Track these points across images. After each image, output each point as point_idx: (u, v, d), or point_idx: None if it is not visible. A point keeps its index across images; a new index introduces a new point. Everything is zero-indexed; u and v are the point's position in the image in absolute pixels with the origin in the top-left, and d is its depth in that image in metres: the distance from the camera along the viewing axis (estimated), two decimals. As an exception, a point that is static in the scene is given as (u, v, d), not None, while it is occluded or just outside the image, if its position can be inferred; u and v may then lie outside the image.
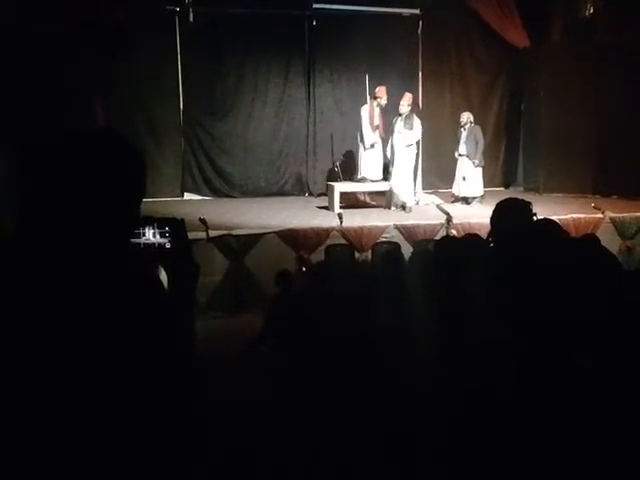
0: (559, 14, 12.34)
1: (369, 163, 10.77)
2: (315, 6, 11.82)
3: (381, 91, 10.77)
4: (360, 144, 10.85)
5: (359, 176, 10.90)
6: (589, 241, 3.60)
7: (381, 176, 10.81)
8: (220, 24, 11.90)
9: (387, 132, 10.71)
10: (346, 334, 3.58)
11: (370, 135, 10.69)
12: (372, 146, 10.70)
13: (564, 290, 2.41)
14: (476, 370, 2.54)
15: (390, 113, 10.84)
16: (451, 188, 11.55)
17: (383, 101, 10.73)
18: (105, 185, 1.47)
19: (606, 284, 2.41)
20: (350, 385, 3.25)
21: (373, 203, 11.00)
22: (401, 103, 10.51)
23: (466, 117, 11.14)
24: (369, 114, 10.71)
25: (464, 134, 11.06)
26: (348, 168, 11.36)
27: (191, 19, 11.21)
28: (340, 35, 12.28)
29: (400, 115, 10.48)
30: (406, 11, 12.57)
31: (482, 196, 10.96)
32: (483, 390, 2.47)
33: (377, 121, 10.70)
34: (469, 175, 10.96)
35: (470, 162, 10.92)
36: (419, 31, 12.89)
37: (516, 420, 2.32)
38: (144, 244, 1.74)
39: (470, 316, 2.73)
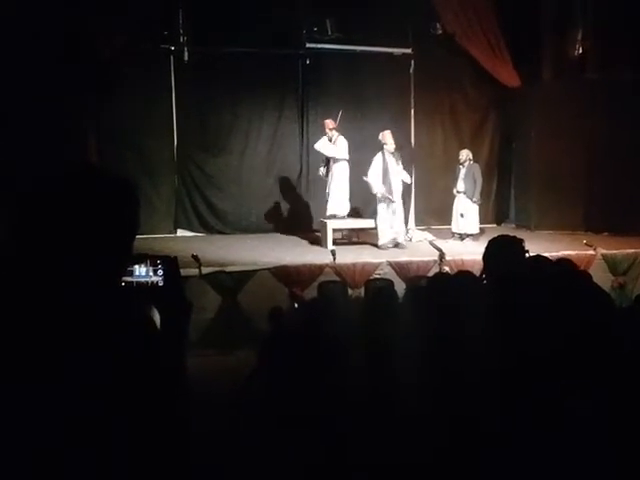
0: (549, 54, 12.54)
1: (330, 198, 10.73)
2: (308, 45, 11.97)
3: (325, 123, 10.83)
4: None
5: (328, 213, 10.79)
6: (581, 277, 3.61)
7: (346, 211, 10.71)
8: (215, 63, 12.02)
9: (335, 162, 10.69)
10: (339, 371, 3.56)
11: (321, 169, 10.81)
12: (321, 176, 10.79)
13: (556, 327, 2.41)
14: (467, 403, 2.53)
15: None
16: (443, 224, 11.58)
17: (328, 134, 10.70)
18: (98, 221, 1.47)
19: (598, 321, 2.42)
20: (342, 420, 3.23)
21: (354, 240, 11.00)
22: (388, 142, 10.45)
23: (465, 155, 11.20)
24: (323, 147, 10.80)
25: (462, 171, 11.10)
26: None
27: (186, 58, 11.33)
28: (333, 74, 12.44)
29: (391, 154, 10.47)
30: (398, 51, 12.75)
31: (478, 234, 11.01)
32: (472, 423, 2.45)
33: (331, 153, 10.70)
34: (467, 212, 11.00)
35: (467, 199, 10.97)
36: (411, 70, 13.06)
37: (502, 456, 2.30)
38: (137, 282, 1.74)
39: (463, 352, 2.72)
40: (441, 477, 2.61)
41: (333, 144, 10.65)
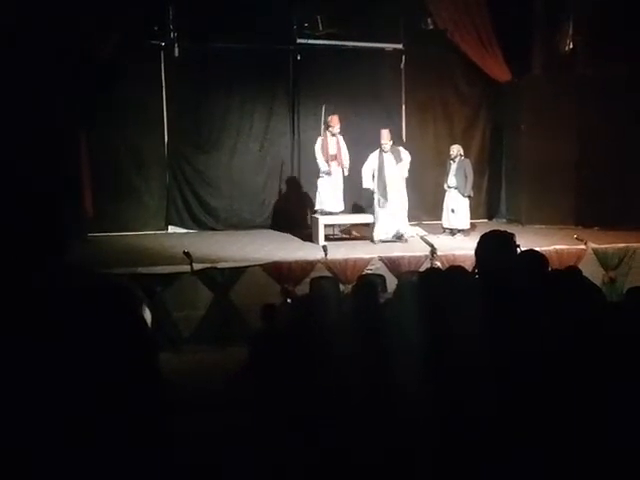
0: (539, 49, 12.56)
1: (326, 194, 10.78)
2: (299, 41, 11.94)
3: (333, 120, 10.83)
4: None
5: (316, 208, 10.90)
6: (572, 272, 3.62)
7: (342, 207, 10.81)
8: (205, 58, 12.00)
9: (343, 161, 10.74)
10: (331, 368, 3.56)
11: (323, 165, 10.76)
12: (328, 174, 10.74)
13: (549, 322, 2.41)
14: (459, 400, 2.53)
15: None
16: (435, 220, 11.60)
17: (335, 129, 10.76)
18: None
19: (589, 315, 2.42)
20: (334, 418, 3.22)
21: (355, 235, 11.05)
22: (382, 142, 10.49)
23: (456, 150, 11.20)
24: (322, 144, 10.79)
25: (453, 167, 11.10)
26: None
27: (176, 54, 11.28)
28: (324, 69, 12.41)
29: (385, 152, 10.50)
30: (389, 46, 12.73)
31: (469, 229, 11.03)
32: (465, 420, 2.45)
33: (333, 150, 10.73)
34: (458, 207, 11.02)
35: (459, 195, 11.00)
36: (402, 65, 13.04)
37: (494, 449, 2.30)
38: None
39: (454, 347, 2.72)
40: (436, 476, 2.61)
41: (336, 141, 10.77)
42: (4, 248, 1.47)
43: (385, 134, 10.57)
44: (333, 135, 10.79)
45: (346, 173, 10.83)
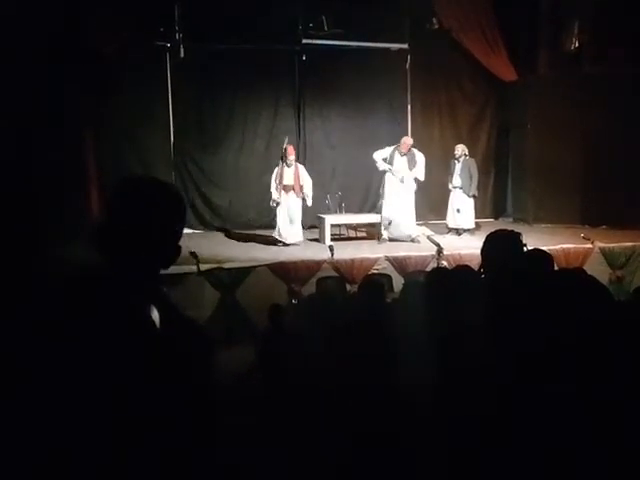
0: (545, 48, 12.54)
1: (282, 223, 10.48)
2: (304, 41, 11.95)
3: (288, 150, 10.48)
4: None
5: (274, 235, 10.57)
6: (578, 272, 3.61)
7: (300, 238, 10.48)
8: (211, 59, 12.01)
9: (303, 190, 10.39)
10: (335, 367, 3.56)
11: (274, 194, 10.43)
12: (278, 204, 10.43)
13: (554, 321, 2.41)
14: (464, 400, 2.53)
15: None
16: (441, 219, 11.60)
17: (290, 160, 10.38)
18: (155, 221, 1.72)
19: (596, 315, 2.42)
20: (338, 417, 3.23)
21: (350, 235, 11.09)
22: (401, 150, 10.43)
23: (461, 150, 11.19)
24: (278, 173, 10.44)
25: (458, 166, 11.10)
26: (338, 200, 11.39)
27: (182, 54, 11.31)
28: (329, 70, 12.42)
29: (403, 155, 10.46)
30: (394, 46, 12.73)
31: (474, 228, 11.03)
32: (468, 415, 2.45)
33: (289, 180, 10.36)
34: (463, 207, 11.01)
35: (464, 194, 10.98)
36: (407, 65, 13.05)
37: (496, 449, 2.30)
38: None
39: (460, 347, 2.72)
40: (439, 476, 2.61)
41: (294, 171, 10.45)
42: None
43: (405, 144, 10.49)
44: (289, 165, 10.43)
45: (309, 203, 10.49)
